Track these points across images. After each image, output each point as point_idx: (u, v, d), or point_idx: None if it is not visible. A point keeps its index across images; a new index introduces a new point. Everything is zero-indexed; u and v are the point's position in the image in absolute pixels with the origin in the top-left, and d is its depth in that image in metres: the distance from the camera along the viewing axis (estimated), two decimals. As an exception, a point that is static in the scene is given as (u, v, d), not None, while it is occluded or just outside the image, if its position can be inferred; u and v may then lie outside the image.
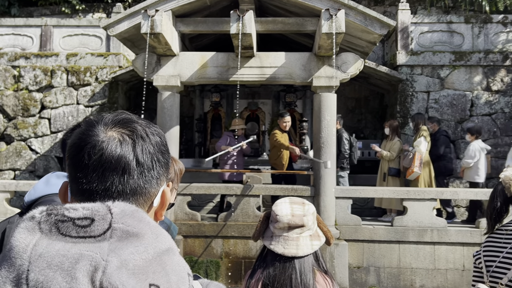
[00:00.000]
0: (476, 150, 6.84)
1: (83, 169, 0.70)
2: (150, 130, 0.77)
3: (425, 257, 6.16)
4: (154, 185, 0.75)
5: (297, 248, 1.54)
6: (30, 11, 10.33)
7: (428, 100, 8.38)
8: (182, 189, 6.38)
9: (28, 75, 8.84)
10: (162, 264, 0.61)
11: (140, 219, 0.64)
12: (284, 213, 1.58)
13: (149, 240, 0.62)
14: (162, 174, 0.78)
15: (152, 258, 0.60)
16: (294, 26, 6.33)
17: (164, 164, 0.78)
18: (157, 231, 0.65)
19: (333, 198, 6.24)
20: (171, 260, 0.63)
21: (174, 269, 0.63)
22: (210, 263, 6.21)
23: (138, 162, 0.72)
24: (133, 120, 0.77)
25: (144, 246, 0.60)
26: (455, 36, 8.53)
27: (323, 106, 6.28)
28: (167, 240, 0.66)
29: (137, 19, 5.94)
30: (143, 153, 0.73)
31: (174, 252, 0.65)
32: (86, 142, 0.71)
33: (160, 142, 0.78)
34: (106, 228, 0.60)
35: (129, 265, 0.57)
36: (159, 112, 6.53)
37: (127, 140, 0.72)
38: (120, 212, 0.63)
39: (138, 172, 0.72)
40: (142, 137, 0.74)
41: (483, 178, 6.95)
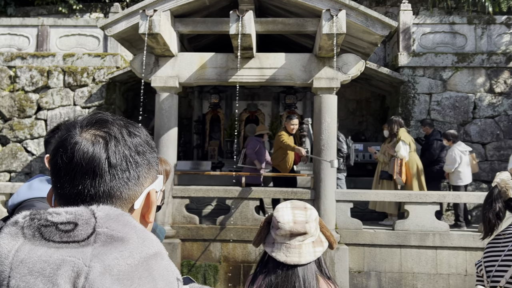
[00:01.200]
0: (456, 155, 6.87)
1: (57, 173, 0.71)
2: (127, 131, 0.75)
3: (427, 261, 6.15)
4: (132, 188, 0.74)
5: (300, 256, 1.53)
6: (27, 10, 10.34)
7: (430, 102, 8.39)
8: (180, 192, 6.38)
9: (24, 75, 8.84)
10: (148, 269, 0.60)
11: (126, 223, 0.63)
12: (285, 220, 1.56)
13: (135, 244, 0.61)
14: (143, 175, 0.76)
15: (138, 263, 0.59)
16: (294, 27, 6.34)
17: (146, 164, 0.76)
18: (143, 235, 0.64)
19: (334, 201, 6.23)
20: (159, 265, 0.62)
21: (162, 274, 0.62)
22: (208, 267, 6.20)
23: (111, 164, 0.71)
24: (109, 120, 0.75)
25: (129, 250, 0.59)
26: (457, 37, 8.54)
27: (324, 108, 6.28)
28: (154, 244, 0.65)
29: (135, 19, 5.95)
30: (116, 154, 0.71)
31: (162, 257, 0.65)
32: (60, 145, 0.72)
33: (139, 143, 0.76)
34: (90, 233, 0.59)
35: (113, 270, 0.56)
36: (157, 113, 6.52)
37: (100, 141, 0.71)
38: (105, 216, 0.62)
39: (111, 175, 0.71)
40: (117, 138, 0.73)
41: (466, 181, 6.99)
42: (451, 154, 6.91)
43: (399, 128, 6.95)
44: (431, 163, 7.22)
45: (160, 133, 6.45)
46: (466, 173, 6.94)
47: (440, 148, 7.26)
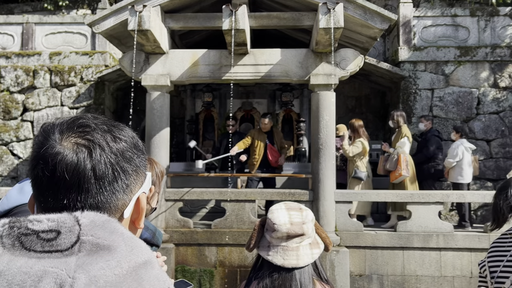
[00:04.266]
0: (459, 149, 6.85)
1: (39, 187, 0.69)
2: (112, 136, 0.72)
3: (431, 264, 6.17)
4: (121, 198, 0.72)
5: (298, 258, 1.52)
6: (11, 8, 10.30)
7: (432, 98, 8.41)
8: (173, 195, 6.37)
9: (9, 75, 8.81)
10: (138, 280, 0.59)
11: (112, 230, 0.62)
12: (282, 222, 1.55)
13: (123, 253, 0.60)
14: (133, 181, 0.74)
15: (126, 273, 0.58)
16: (290, 21, 6.34)
17: (134, 170, 0.75)
18: (132, 243, 0.63)
19: (333, 203, 6.25)
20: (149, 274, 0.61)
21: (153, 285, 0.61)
22: (203, 273, 6.20)
23: (96, 175, 0.68)
24: (91, 126, 0.72)
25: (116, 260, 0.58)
26: (460, 30, 8.57)
27: (322, 106, 6.29)
28: (144, 252, 0.63)
29: (123, 15, 5.94)
30: (102, 164, 0.69)
31: (152, 265, 0.63)
32: (40, 156, 0.69)
33: (126, 148, 0.73)
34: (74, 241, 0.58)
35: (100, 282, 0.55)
36: (148, 113, 6.52)
37: (83, 151, 0.69)
38: (90, 223, 0.61)
39: (98, 187, 0.69)
40: (101, 146, 0.70)
41: (467, 179, 6.95)
42: (454, 148, 6.91)
43: (404, 123, 6.98)
44: (427, 160, 7.20)
45: (151, 133, 6.44)
46: (468, 171, 6.92)
47: (437, 145, 7.25)
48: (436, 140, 7.25)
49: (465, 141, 7.02)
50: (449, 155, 6.99)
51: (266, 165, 7.13)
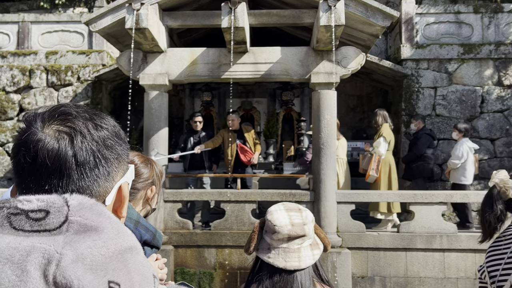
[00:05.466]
0: (464, 150, 6.80)
1: (21, 173, 0.71)
2: (93, 124, 0.75)
3: (434, 265, 6.17)
4: (102, 184, 0.74)
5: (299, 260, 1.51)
6: (6, 6, 10.31)
7: (435, 97, 8.41)
8: (171, 196, 6.38)
9: (4, 75, 8.82)
10: (123, 262, 0.61)
11: (100, 212, 0.64)
12: (282, 223, 1.55)
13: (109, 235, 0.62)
14: (114, 169, 0.76)
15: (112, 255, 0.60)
16: (290, 19, 6.34)
17: (115, 158, 0.77)
18: (118, 226, 0.65)
19: (335, 203, 6.25)
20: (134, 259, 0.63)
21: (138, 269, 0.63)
22: (203, 275, 6.20)
23: (78, 162, 0.70)
24: (72, 113, 0.74)
25: (103, 240, 0.60)
26: (463, 27, 8.56)
27: (323, 105, 6.29)
28: (130, 238, 0.66)
29: (121, 14, 5.94)
30: (83, 151, 0.71)
31: (138, 252, 0.65)
32: (22, 143, 0.71)
33: (107, 136, 0.76)
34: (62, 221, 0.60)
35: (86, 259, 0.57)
36: (146, 113, 6.52)
37: (65, 138, 0.71)
38: (78, 204, 0.63)
39: (79, 173, 0.71)
40: (82, 133, 0.72)
41: (470, 180, 6.92)
42: (459, 149, 6.82)
43: (383, 122, 6.94)
44: (417, 159, 7.17)
45: (149, 133, 6.45)
46: (470, 172, 6.88)
47: (428, 144, 7.23)
48: (427, 139, 7.23)
49: (469, 141, 6.98)
50: (453, 155, 6.93)
51: (240, 165, 7.03)
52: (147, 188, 1.79)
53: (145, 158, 1.83)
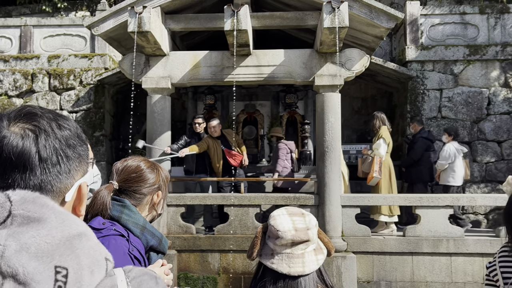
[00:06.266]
0: (451, 151, 6.95)
1: None
2: (57, 124, 0.80)
3: (441, 269, 6.14)
4: (63, 181, 0.79)
5: (303, 265, 1.50)
6: (9, 10, 10.38)
7: (441, 99, 8.39)
8: (175, 200, 6.38)
9: (7, 79, 8.87)
10: (71, 248, 0.64)
11: (42, 204, 0.67)
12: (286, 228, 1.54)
13: (53, 224, 0.65)
14: (74, 168, 0.82)
15: (59, 242, 0.63)
16: (293, 21, 6.36)
17: (76, 157, 0.82)
18: (63, 216, 0.68)
19: (339, 207, 6.23)
20: (83, 244, 0.66)
21: (87, 253, 0.66)
22: (206, 280, 6.19)
23: (41, 158, 0.76)
24: (38, 113, 0.80)
25: (47, 229, 0.64)
26: (469, 28, 8.54)
27: (327, 107, 6.29)
28: (79, 225, 0.69)
29: (123, 17, 5.97)
30: (47, 148, 0.77)
31: (88, 238, 0.69)
32: None
33: (69, 136, 0.81)
34: (6, 216, 0.64)
35: (31, 248, 0.61)
36: (148, 116, 6.54)
37: (30, 135, 0.76)
38: (20, 199, 0.66)
39: (42, 168, 0.76)
40: (46, 132, 0.78)
41: (458, 182, 7.02)
42: (446, 150, 7.00)
43: (381, 125, 6.96)
44: (415, 163, 7.23)
45: (152, 137, 6.47)
46: (459, 174, 7.01)
47: (425, 148, 7.27)
48: (423, 142, 7.28)
49: (457, 144, 7.11)
50: (441, 157, 7.09)
51: (230, 170, 6.97)
52: (153, 193, 1.80)
53: (151, 163, 1.84)
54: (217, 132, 6.95)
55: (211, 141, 6.89)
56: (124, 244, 1.59)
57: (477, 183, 8.15)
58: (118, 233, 1.61)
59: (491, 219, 8.00)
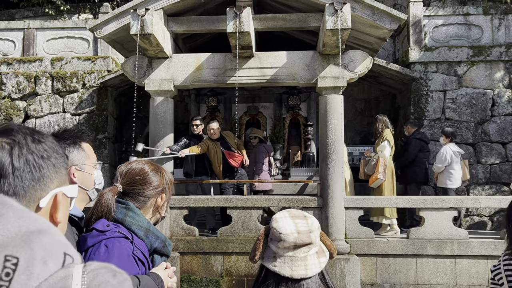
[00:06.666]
0: (447, 154, 6.95)
1: None
2: (32, 137, 0.91)
3: (445, 272, 6.13)
4: (36, 188, 0.89)
5: (306, 268, 1.51)
6: (12, 13, 10.45)
7: (444, 100, 8.39)
8: (177, 202, 6.40)
9: (10, 82, 8.93)
10: (27, 241, 0.69)
11: (1, 202, 0.73)
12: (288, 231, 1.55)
13: (10, 219, 0.71)
14: (48, 177, 0.91)
15: (15, 236, 0.69)
16: (296, 23, 6.38)
17: (50, 167, 0.92)
18: (22, 213, 0.73)
19: (342, 209, 6.24)
20: (41, 239, 0.71)
21: (43, 247, 0.71)
22: (209, 282, 6.21)
23: (14, 166, 0.86)
24: (14, 129, 0.91)
25: (2, 224, 0.69)
26: (473, 29, 8.54)
27: (330, 109, 6.30)
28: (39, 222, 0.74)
29: (126, 20, 6.01)
30: (20, 158, 0.87)
31: (48, 234, 0.74)
32: None
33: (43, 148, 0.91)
34: None
35: None
36: (151, 119, 6.57)
37: (5, 147, 0.87)
38: None
39: (15, 176, 0.86)
40: (20, 144, 0.88)
41: (456, 184, 7.03)
42: (443, 152, 7.00)
43: (384, 128, 6.99)
44: (409, 164, 7.26)
45: (155, 139, 6.49)
46: (457, 176, 7.02)
47: (419, 149, 7.30)
48: (417, 143, 7.32)
49: (454, 145, 7.11)
50: (437, 160, 7.10)
51: (231, 171, 7.02)
52: (157, 196, 1.81)
53: (155, 166, 1.85)
54: (216, 134, 6.96)
55: (210, 143, 6.91)
56: (128, 246, 1.60)
57: (481, 185, 8.14)
58: (122, 235, 1.62)
59: (495, 221, 7.98)
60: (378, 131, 7.06)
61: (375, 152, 7.05)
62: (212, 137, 6.95)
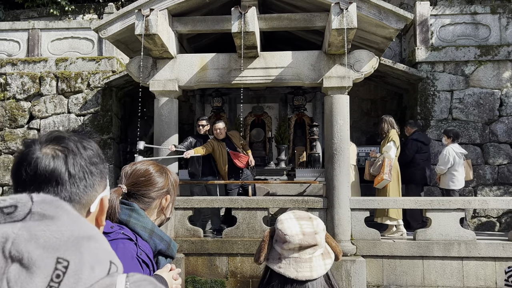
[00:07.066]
0: (450, 155, 6.89)
1: (22, 184, 0.89)
2: (82, 145, 0.95)
3: (452, 273, 6.11)
4: (88, 193, 0.93)
5: (311, 270, 1.51)
6: (17, 14, 10.52)
7: (451, 100, 8.35)
8: (182, 203, 6.41)
9: (15, 83, 8.98)
10: (77, 246, 0.71)
11: (58, 206, 0.76)
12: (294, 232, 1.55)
13: (64, 222, 0.73)
14: (97, 183, 0.96)
15: (67, 239, 0.71)
16: (301, 23, 6.37)
17: (98, 173, 0.97)
18: (76, 218, 0.76)
19: (348, 210, 6.22)
20: (90, 245, 0.74)
21: (92, 252, 0.73)
22: (214, 283, 6.21)
23: (70, 174, 0.90)
24: (65, 137, 0.94)
25: (57, 226, 0.72)
26: (480, 28, 8.50)
27: (335, 109, 6.29)
28: (89, 229, 0.77)
29: (130, 20, 6.03)
30: (75, 166, 0.91)
31: (97, 241, 0.76)
32: (23, 160, 0.90)
33: (92, 155, 0.96)
34: (27, 213, 0.72)
35: (40, 240, 0.69)
36: (156, 119, 6.58)
37: (60, 155, 0.90)
38: (40, 200, 0.75)
39: (70, 183, 0.90)
40: (74, 152, 0.92)
41: (460, 186, 6.97)
42: (445, 154, 6.94)
43: (390, 129, 6.97)
44: (406, 165, 7.25)
45: (159, 140, 6.51)
46: (460, 177, 6.96)
47: (416, 150, 7.30)
48: (414, 144, 7.32)
49: (456, 146, 7.04)
50: (440, 161, 7.03)
51: (236, 172, 7.01)
52: (162, 197, 1.81)
53: (160, 167, 1.85)
54: (223, 134, 6.96)
55: (216, 143, 6.91)
56: (132, 248, 1.60)
57: (489, 186, 8.09)
58: (127, 236, 1.62)
59: (503, 222, 7.93)
60: (383, 132, 7.04)
61: (380, 152, 7.03)
62: (218, 137, 6.95)
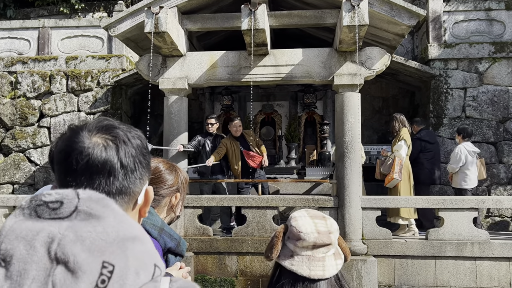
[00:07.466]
0: (462, 153, 6.79)
1: (72, 173, 0.86)
2: (131, 135, 0.91)
3: (465, 274, 6.05)
4: (137, 185, 0.91)
5: (324, 269, 1.51)
6: (27, 12, 10.62)
7: (465, 98, 8.27)
8: (192, 202, 6.43)
9: (25, 81, 9.07)
10: (122, 248, 0.70)
11: (105, 205, 0.74)
12: (309, 230, 1.54)
13: (110, 223, 0.71)
14: (144, 174, 0.93)
15: (112, 241, 0.69)
16: (312, 20, 6.35)
17: (146, 165, 0.94)
18: (122, 218, 0.74)
19: (359, 209, 6.20)
20: (135, 248, 0.72)
21: (137, 256, 0.71)
22: (224, 282, 6.23)
23: (122, 164, 0.87)
24: (115, 126, 0.91)
25: (103, 227, 0.70)
26: (494, 24, 8.40)
27: (346, 107, 6.26)
28: (134, 229, 0.75)
29: (140, 18, 6.06)
30: (126, 156, 0.88)
31: (142, 242, 0.74)
32: (72, 149, 0.86)
33: (141, 145, 0.93)
34: (72, 210, 0.71)
35: (86, 241, 0.67)
36: (165, 117, 6.61)
37: (111, 145, 0.87)
38: (87, 197, 0.73)
39: (123, 174, 0.87)
40: (124, 142, 0.89)
41: (472, 185, 6.88)
42: (456, 152, 6.85)
43: (401, 127, 6.92)
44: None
45: (169, 138, 6.53)
46: (472, 176, 6.86)
47: (420, 149, 7.24)
48: (418, 144, 7.26)
49: (469, 144, 6.94)
50: (452, 160, 6.95)
51: (249, 171, 6.97)
52: (172, 195, 1.81)
53: (170, 165, 1.85)
54: (239, 131, 7.00)
55: (229, 142, 6.93)
56: None
57: (503, 185, 8.00)
58: None
59: (518, 223, 7.85)
60: (395, 130, 7.00)
61: (391, 151, 6.98)
62: (235, 134, 6.98)
